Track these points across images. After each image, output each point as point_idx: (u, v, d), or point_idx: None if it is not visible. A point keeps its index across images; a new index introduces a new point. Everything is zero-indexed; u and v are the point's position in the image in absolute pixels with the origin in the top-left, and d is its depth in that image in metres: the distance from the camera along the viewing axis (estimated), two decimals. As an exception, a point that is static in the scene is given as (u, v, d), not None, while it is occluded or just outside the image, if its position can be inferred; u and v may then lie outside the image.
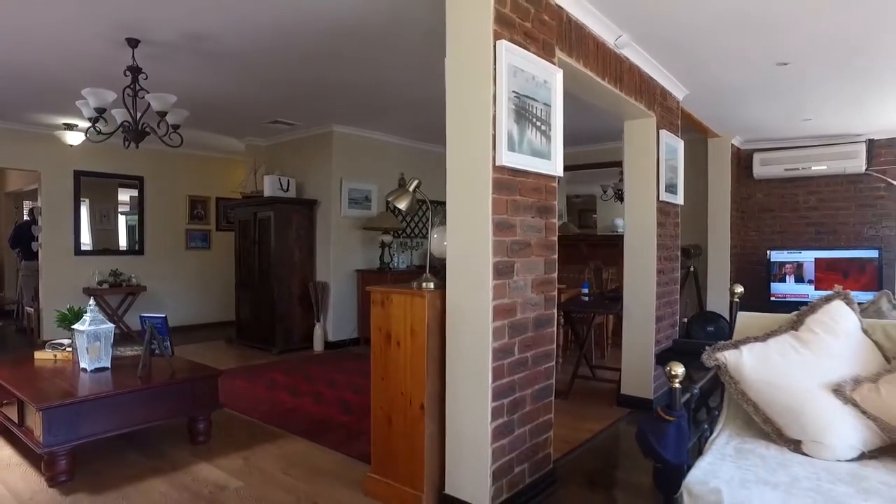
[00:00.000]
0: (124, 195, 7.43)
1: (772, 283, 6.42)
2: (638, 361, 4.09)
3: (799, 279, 6.36)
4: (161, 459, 3.13)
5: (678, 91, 4.45)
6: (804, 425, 2.03)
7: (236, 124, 6.34)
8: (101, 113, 3.71)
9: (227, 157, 8.05)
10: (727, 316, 3.55)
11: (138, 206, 7.40)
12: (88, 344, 3.37)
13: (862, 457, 1.95)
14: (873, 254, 5.95)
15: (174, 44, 3.71)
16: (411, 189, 2.70)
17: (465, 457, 2.41)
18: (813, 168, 6.37)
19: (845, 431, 1.97)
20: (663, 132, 4.16)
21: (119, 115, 3.85)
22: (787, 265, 6.43)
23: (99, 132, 3.78)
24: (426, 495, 2.46)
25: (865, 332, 2.23)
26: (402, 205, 2.69)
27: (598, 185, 7.50)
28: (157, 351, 3.40)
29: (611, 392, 4.37)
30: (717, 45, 3.56)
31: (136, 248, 7.39)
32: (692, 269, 6.27)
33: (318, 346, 6.31)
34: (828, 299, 2.31)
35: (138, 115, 3.83)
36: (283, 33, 3.54)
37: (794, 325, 2.29)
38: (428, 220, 6.35)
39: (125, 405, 3.03)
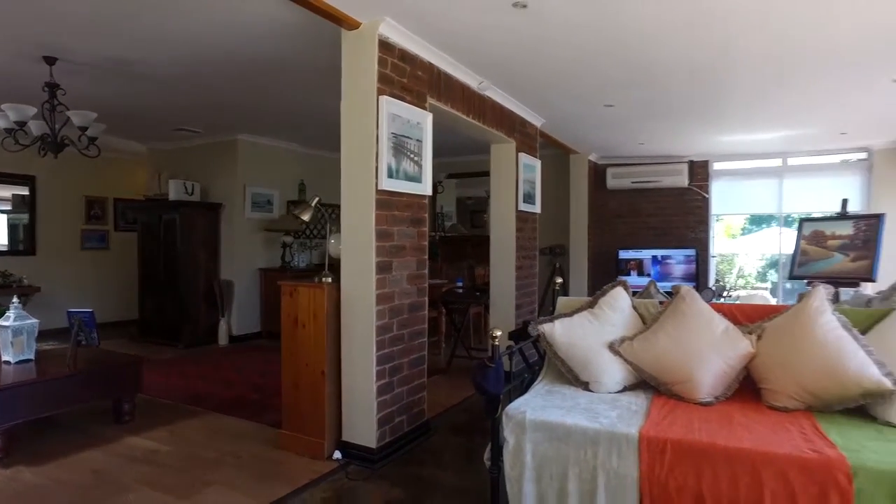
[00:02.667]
0: (5, 192, 7.29)
1: (619, 277, 7.72)
2: (501, 342, 5.03)
3: (641, 273, 7.71)
4: (92, 437, 3.60)
5: (536, 120, 5.46)
6: (590, 371, 2.99)
7: (141, 129, 6.63)
8: (21, 126, 4.05)
9: (127, 158, 8.18)
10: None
11: (29, 205, 7.37)
12: (13, 338, 3.74)
13: (623, 389, 2.94)
14: (693, 252, 7.41)
15: (90, 63, 4.10)
16: (313, 204, 3.43)
17: (357, 410, 3.18)
18: (652, 182, 7.74)
19: (614, 373, 2.95)
20: (522, 154, 5.15)
21: (36, 126, 4.19)
22: (632, 261, 7.77)
23: (16, 142, 4.09)
24: (328, 442, 3.20)
25: (634, 307, 3.25)
26: (306, 217, 3.41)
27: (484, 189, 8.46)
28: (83, 342, 3.84)
29: (482, 367, 5.30)
30: (559, 90, 4.56)
31: (24, 247, 7.34)
32: (557, 265, 7.40)
33: (222, 340, 6.76)
34: (613, 286, 3.31)
35: (57, 127, 4.19)
36: (197, 61, 4.04)
37: (591, 305, 3.26)
38: (326, 223, 7.01)
39: (55, 390, 3.47)
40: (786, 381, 2.62)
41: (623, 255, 7.80)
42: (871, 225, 5.42)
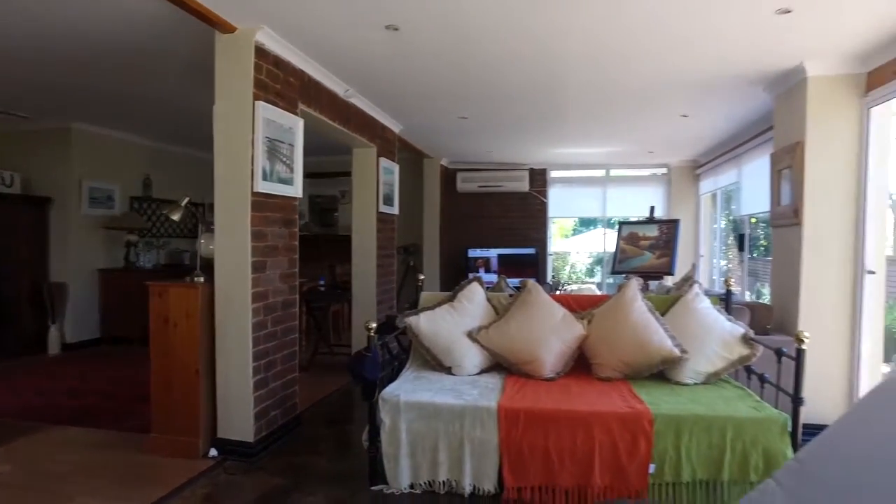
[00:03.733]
0: None
1: (469, 274, 8.35)
2: (364, 337, 5.28)
3: (488, 270, 8.40)
4: None
5: (395, 126, 5.79)
6: (452, 357, 3.37)
7: (-56, 112, 5.77)
8: None
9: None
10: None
11: None
12: None
13: (481, 372, 3.37)
14: (533, 251, 8.28)
15: None
16: (183, 204, 3.40)
17: (233, 406, 3.24)
18: (498, 186, 8.48)
19: (473, 358, 3.36)
20: (382, 159, 5.44)
21: None
22: (480, 259, 8.45)
23: None
24: (202, 440, 3.23)
25: (488, 300, 3.70)
26: (176, 216, 3.38)
27: (338, 189, 8.59)
28: None
29: (345, 363, 5.50)
30: (420, 102, 4.93)
31: None
32: (411, 263, 7.82)
33: (53, 348, 6.14)
34: (469, 281, 3.73)
35: None
36: (32, 34, 3.55)
37: (451, 299, 3.66)
38: (173, 223, 6.71)
39: None
40: (609, 356, 3.23)
41: (472, 253, 8.44)
42: (670, 228, 6.53)
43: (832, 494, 1.26)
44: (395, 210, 5.90)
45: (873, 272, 3.58)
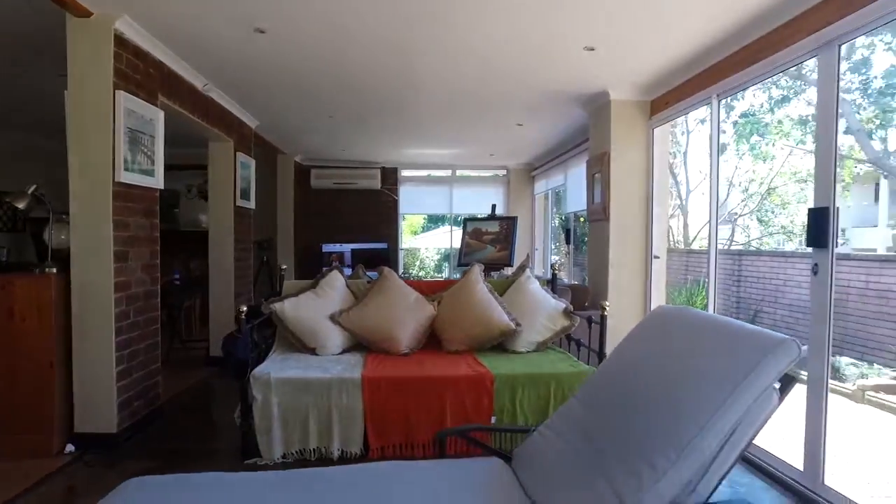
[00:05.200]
0: None
1: (324, 268, 8.53)
2: (222, 329, 5.30)
3: (342, 265, 8.63)
4: None
5: (252, 122, 5.83)
6: (317, 339, 3.64)
7: None
8: None
9: None
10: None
11: None
12: None
13: (343, 351, 3.68)
14: (385, 246, 8.69)
15: None
16: (30, 192, 3.26)
17: (94, 398, 3.20)
18: (351, 183, 8.75)
19: (335, 339, 3.67)
20: (239, 154, 5.48)
21: None
22: (334, 254, 8.66)
23: None
24: (57, 437, 3.14)
25: (348, 286, 4.02)
26: (21, 204, 3.23)
27: (182, 183, 8.24)
28: None
29: (200, 357, 5.45)
30: (279, 100, 5.08)
31: None
32: (265, 258, 7.80)
33: None
34: (329, 270, 4.03)
35: None
36: None
37: (314, 286, 3.92)
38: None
39: None
40: (456, 332, 3.73)
41: (326, 248, 8.63)
42: (509, 224, 7.31)
43: (608, 389, 1.83)
44: (252, 204, 5.95)
45: (658, 257, 4.54)
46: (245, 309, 3.12)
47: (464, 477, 1.79)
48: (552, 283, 4.29)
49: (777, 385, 1.52)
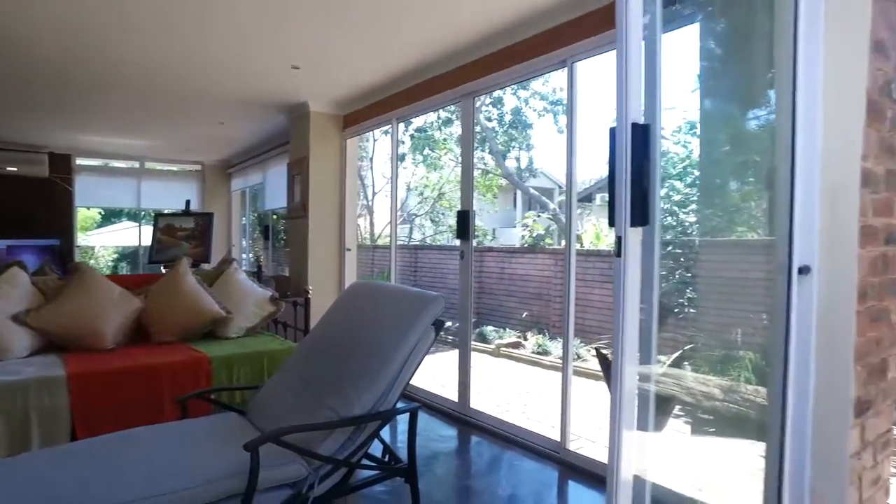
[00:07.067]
0: None
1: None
2: None
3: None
4: None
5: None
6: (-4, 344, 3.31)
7: None
8: None
9: None
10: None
11: None
12: None
13: (31, 354, 3.43)
14: (56, 242, 7.64)
15: None
16: None
17: None
18: (8, 169, 7.41)
19: (22, 341, 3.39)
20: None
21: None
22: (-14, 252, 7.23)
23: None
24: None
25: (34, 283, 3.71)
26: None
27: None
28: None
29: None
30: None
31: None
32: None
33: None
34: (8, 266, 3.66)
35: None
36: None
37: (-13, 285, 3.51)
38: None
39: None
40: (166, 323, 3.84)
41: (-30, 246, 7.16)
42: (205, 221, 7.29)
43: (319, 346, 2.40)
44: None
45: (350, 249, 5.36)
46: None
47: (204, 429, 2.15)
48: (258, 274, 4.67)
49: (433, 326, 2.31)
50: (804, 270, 1.76)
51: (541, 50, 3.24)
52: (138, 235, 8.69)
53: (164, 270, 5.64)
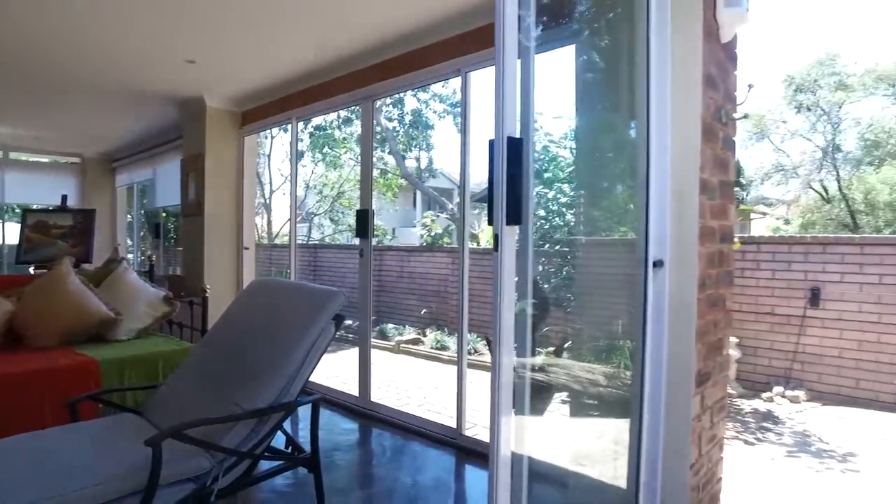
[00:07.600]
0: None
1: None
2: None
3: None
4: None
5: None
6: None
7: None
8: None
9: None
10: None
11: None
12: None
13: None
14: None
15: None
16: None
17: None
18: None
19: None
20: None
21: None
22: None
23: None
24: None
25: None
26: None
27: None
28: None
29: None
30: None
31: None
32: None
33: None
34: None
35: None
36: None
37: None
38: None
39: None
40: (46, 326, 3.62)
41: None
42: (86, 218, 6.80)
43: (220, 342, 2.43)
44: None
45: (248, 248, 5.28)
46: None
47: (101, 429, 2.12)
48: (150, 274, 4.50)
49: (333, 320, 2.42)
50: (658, 264, 2.07)
51: (437, 59, 3.43)
52: (1, 232, 7.91)
53: (32, 271, 5.26)
